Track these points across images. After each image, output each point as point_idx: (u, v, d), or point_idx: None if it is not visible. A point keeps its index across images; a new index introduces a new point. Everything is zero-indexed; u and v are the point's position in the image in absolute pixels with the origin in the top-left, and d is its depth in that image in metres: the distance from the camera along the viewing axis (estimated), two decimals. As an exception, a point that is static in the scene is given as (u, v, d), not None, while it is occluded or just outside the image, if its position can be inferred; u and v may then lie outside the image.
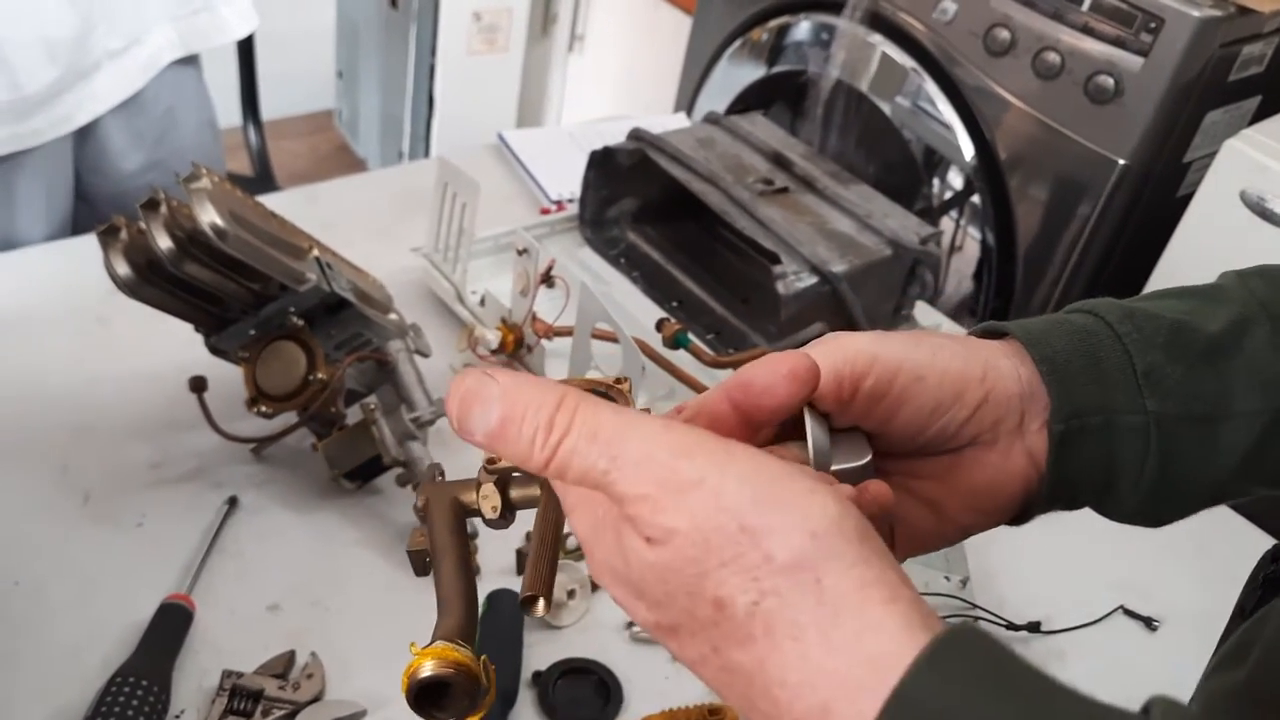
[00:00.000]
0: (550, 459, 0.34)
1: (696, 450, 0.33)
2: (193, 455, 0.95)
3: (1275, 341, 0.46)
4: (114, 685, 0.71)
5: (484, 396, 0.34)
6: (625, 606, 0.36)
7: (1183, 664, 0.69)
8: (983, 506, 0.46)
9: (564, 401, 0.34)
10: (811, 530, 0.31)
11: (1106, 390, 0.45)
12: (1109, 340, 0.45)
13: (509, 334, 1.04)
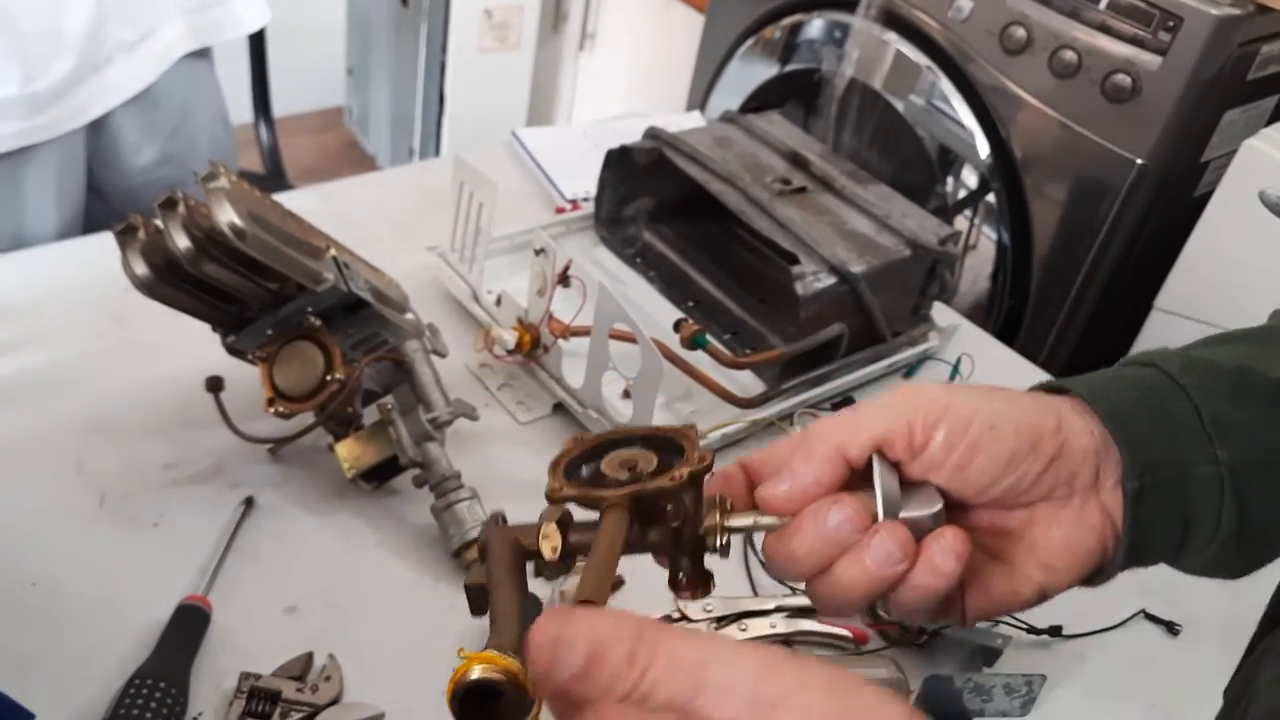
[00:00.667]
0: (633, 691, 0.35)
1: (779, 670, 0.35)
2: (209, 455, 0.94)
3: None
4: (132, 687, 0.71)
5: (568, 640, 0.35)
6: None
7: (1205, 669, 0.68)
8: (1058, 564, 0.46)
9: (644, 634, 0.35)
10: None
11: (1177, 443, 0.44)
12: (1173, 392, 0.45)
13: (525, 334, 1.04)
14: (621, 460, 0.47)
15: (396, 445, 0.89)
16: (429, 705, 0.78)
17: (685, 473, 0.44)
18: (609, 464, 0.47)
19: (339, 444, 0.91)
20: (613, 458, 0.47)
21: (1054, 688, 0.86)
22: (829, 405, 1.11)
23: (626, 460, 0.47)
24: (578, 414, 1.03)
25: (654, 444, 0.49)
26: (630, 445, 0.49)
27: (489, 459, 1.00)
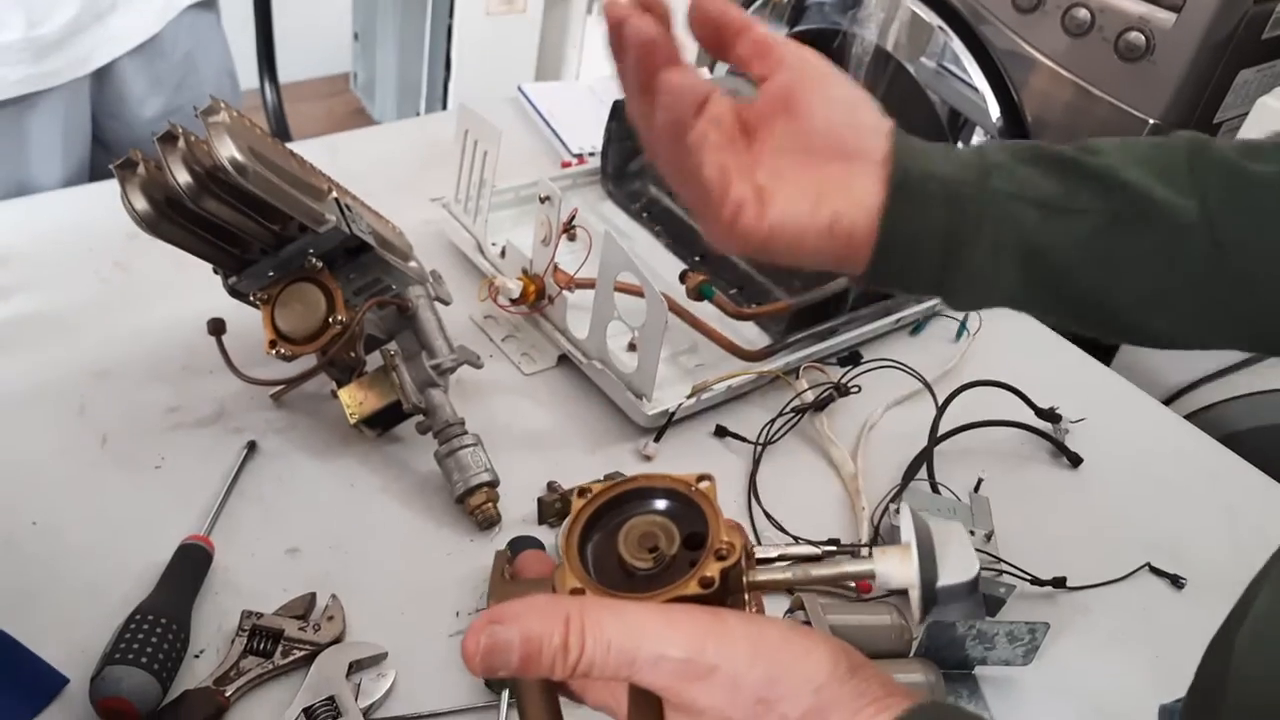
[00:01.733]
0: (573, 674, 0.38)
1: (703, 640, 0.38)
2: (212, 400, 0.94)
3: (1120, 163, 0.53)
4: (133, 622, 0.70)
5: (500, 648, 0.38)
6: None
7: (1209, 623, 0.67)
8: (843, 215, 0.53)
9: (570, 622, 0.38)
10: (815, 688, 0.38)
11: (951, 163, 0.53)
12: (969, 147, 0.56)
13: (530, 284, 1.03)
14: (640, 536, 0.44)
15: (399, 391, 0.88)
16: (431, 647, 0.78)
17: (716, 575, 0.41)
18: (628, 544, 0.43)
19: (342, 390, 0.90)
20: (630, 531, 0.44)
21: (1057, 639, 0.85)
22: (835, 359, 1.11)
23: (646, 537, 0.44)
24: (582, 365, 1.02)
25: (672, 505, 0.45)
26: (645, 502, 0.46)
27: (492, 410, 0.99)
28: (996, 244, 0.53)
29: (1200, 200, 0.53)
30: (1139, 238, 0.53)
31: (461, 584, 0.83)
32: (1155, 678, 0.85)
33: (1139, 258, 0.53)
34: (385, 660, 0.76)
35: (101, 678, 0.67)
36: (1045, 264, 0.53)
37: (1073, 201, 0.53)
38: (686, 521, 0.44)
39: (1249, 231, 0.53)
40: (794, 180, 0.53)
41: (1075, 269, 0.54)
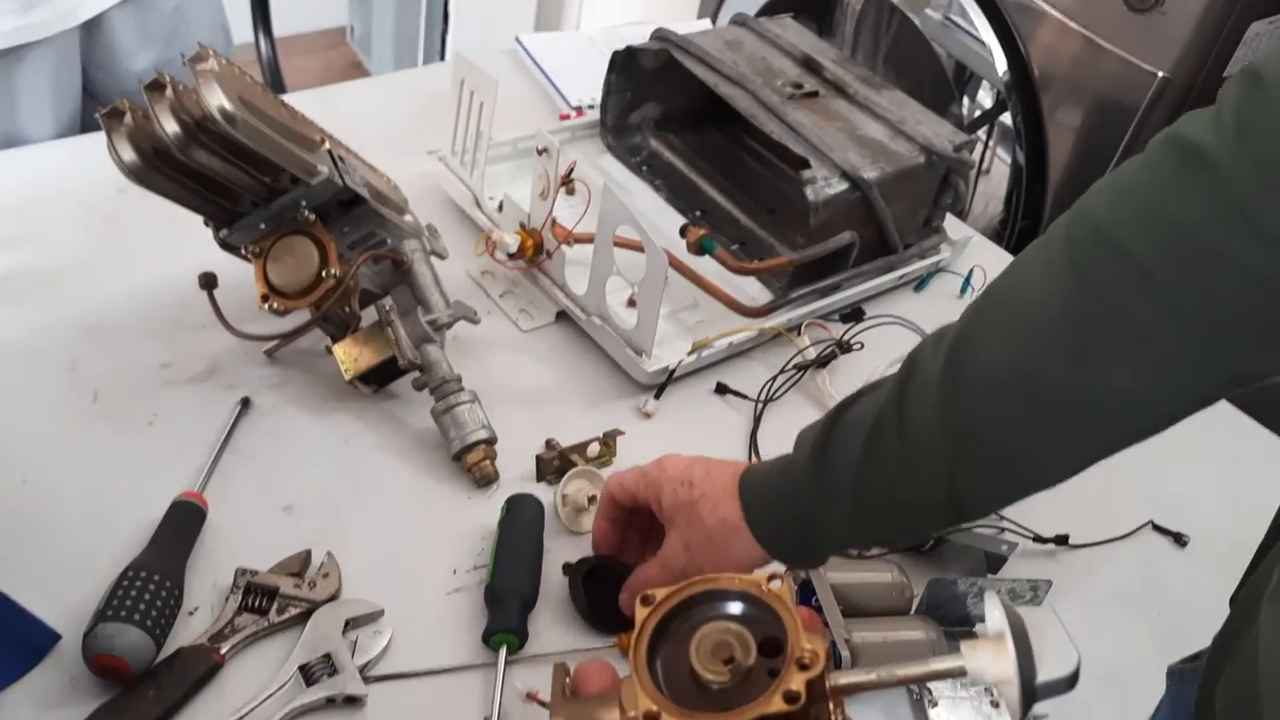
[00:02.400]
0: None
1: None
2: (204, 357, 0.93)
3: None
4: (126, 579, 0.70)
5: None
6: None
7: (1212, 580, 0.67)
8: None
9: None
10: None
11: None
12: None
13: (527, 239, 1.01)
14: (714, 647, 0.41)
15: (395, 347, 0.87)
16: (429, 605, 0.77)
17: (801, 690, 0.38)
18: (700, 655, 0.41)
19: (336, 345, 0.89)
20: (702, 642, 0.41)
21: (1059, 596, 0.85)
22: (838, 316, 1.09)
23: (720, 647, 0.41)
24: (581, 322, 1.01)
25: (745, 608, 0.43)
26: (714, 605, 0.43)
27: (490, 367, 0.98)
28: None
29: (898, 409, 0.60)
30: (882, 471, 0.62)
31: (459, 541, 0.83)
32: (1158, 636, 0.85)
33: (895, 477, 0.61)
34: (382, 618, 0.76)
35: (94, 634, 0.66)
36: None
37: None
38: (760, 625, 0.42)
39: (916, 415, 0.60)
40: None
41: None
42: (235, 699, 0.69)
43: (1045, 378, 0.54)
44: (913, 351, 0.62)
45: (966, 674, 0.40)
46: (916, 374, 0.60)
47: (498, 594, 0.76)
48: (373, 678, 0.72)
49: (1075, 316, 0.53)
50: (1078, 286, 0.53)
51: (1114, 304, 0.52)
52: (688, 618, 0.43)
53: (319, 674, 0.70)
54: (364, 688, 0.70)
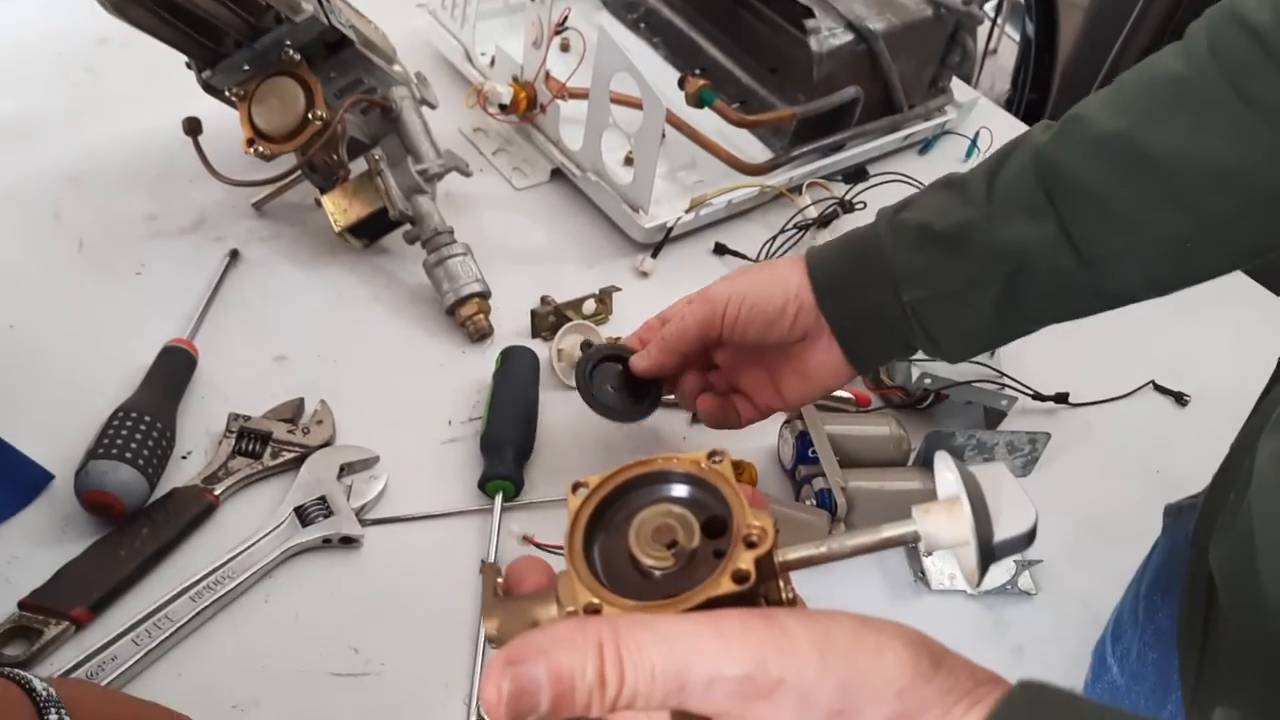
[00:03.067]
0: (614, 709, 0.32)
1: (763, 652, 0.32)
2: (191, 208, 0.90)
3: (993, 228, 0.60)
4: (116, 419, 0.69)
5: (527, 691, 0.32)
6: None
7: (1212, 438, 0.66)
8: (822, 378, 0.68)
9: (604, 649, 0.32)
10: (898, 691, 0.32)
11: (871, 293, 0.64)
12: (874, 249, 0.64)
13: (521, 91, 0.98)
14: (654, 531, 0.38)
15: (385, 197, 0.85)
16: (424, 453, 0.77)
17: (750, 569, 0.36)
18: (640, 540, 0.38)
19: (325, 196, 0.87)
20: (643, 525, 0.38)
21: (1058, 454, 0.84)
22: (840, 176, 1.07)
23: (661, 531, 0.38)
24: (576, 179, 0.98)
25: (685, 489, 0.40)
26: (653, 489, 0.41)
27: (483, 225, 0.96)
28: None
29: (1064, 234, 0.59)
30: (1033, 288, 0.61)
31: (455, 394, 0.82)
32: (1155, 491, 0.84)
33: (1040, 298, 0.62)
34: (377, 464, 0.75)
35: (86, 472, 0.66)
36: (969, 335, 0.64)
37: (971, 284, 0.61)
38: (703, 506, 0.39)
39: (1103, 239, 0.58)
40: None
41: (988, 330, 0.64)
42: (231, 539, 0.69)
43: (1154, 143, 0.55)
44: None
45: (921, 539, 0.38)
46: (1019, 145, 0.61)
47: (493, 442, 0.76)
48: (369, 521, 0.72)
49: (1197, 86, 0.55)
50: (1209, 62, 0.54)
51: (1239, 79, 0.53)
52: (625, 504, 0.40)
53: (315, 515, 0.70)
54: (360, 529, 0.70)
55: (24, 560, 0.66)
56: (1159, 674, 0.62)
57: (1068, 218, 0.58)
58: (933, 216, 0.62)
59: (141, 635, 0.63)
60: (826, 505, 0.74)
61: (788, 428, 0.81)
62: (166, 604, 0.64)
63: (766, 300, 0.65)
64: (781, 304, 0.65)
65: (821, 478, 0.76)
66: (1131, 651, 0.65)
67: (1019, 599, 0.75)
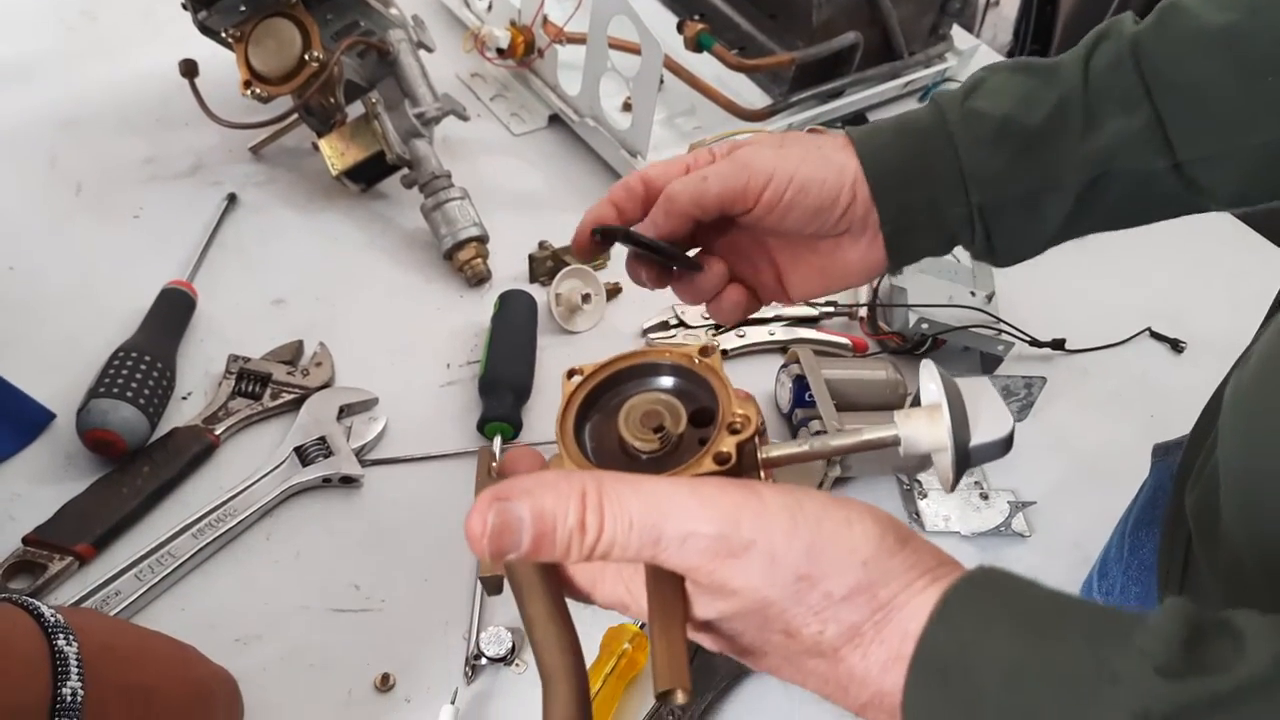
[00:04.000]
0: (591, 556, 0.34)
1: (737, 514, 0.33)
2: (189, 152, 0.90)
3: (1087, 124, 0.53)
4: (117, 359, 0.69)
5: (510, 526, 0.33)
6: (693, 636, 0.37)
7: (1206, 384, 0.66)
8: (845, 277, 0.59)
9: (586, 498, 0.34)
10: (862, 560, 0.33)
11: (933, 188, 0.54)
12: (941, 140, 0.54)
13: (518, 36, 0.97)
14: (643, 416, 0.39)
15: (382, 141, 0.84)
16: (423, 396, 0.77)
17: (732, 450, 0.37)
18: (630, 425, 0.39)
19: (322, 140, 0.87)
20: (631, 412, 0.40)
21: (1053, 399, 0.85)
22: (839, 123, 1.06)
23: (649, 416, 0.39)
24: (574, 124, 0.98)
25: (676, 381, 0.41)
26: (645, 380, 0.42)
27: (480, 168, 0.96)
28: None
29: (1161, 131, 0.53)
30: (1115, 189, 0.55)
31: (453, 338, 0.82)
32: (1150, 434, 0.84)
33: (1120, 201, 0.55)
34: (376, 406, 0.76)
35: (87, 410, 0.66)
36: (1031, 240, 0.57)
37: (1053, 187, 0.54)
38: (692, 397, 0.40)
39: (1200, 139, 0.53)
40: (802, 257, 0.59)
41: (1052, 235, 0.56)
42: (231, 478, 0.69)
43: (1265, 35, 0.51)
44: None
45: (900, 441, 0.39)
46: (1111, 31, 0.55)
47: (492, 384, 0.76)
48: (368, 461, 0.73)
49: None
50: None
51: None
52: (617, 392, 0.41)
53: (314, 455, 0.71)
54: (360, 469, 0.71)
55: (27, 497, 0.67)
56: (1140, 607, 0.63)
57: (1166, 115, 0.52)
58: (1016, 107, 0.53)
59: (144, 571, 0.64)
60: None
61: (785, 372, 0.81)
62: (169, 540, 0.65)
63: (819, 186, 0.54)
64: (835, 193, 0.54)
65: (818, 421, 0.76)
66: (1116, 586, 0.66)
67: (1013, 540, 0.76)
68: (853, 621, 0.33)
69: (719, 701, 0.63)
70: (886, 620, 0.33)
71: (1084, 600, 0.32)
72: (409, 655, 0.63)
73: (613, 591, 0.38)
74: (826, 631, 0.34)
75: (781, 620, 0.34)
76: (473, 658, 0.63)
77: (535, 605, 0.38)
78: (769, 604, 0.34)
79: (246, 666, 0.59)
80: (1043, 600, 0.32)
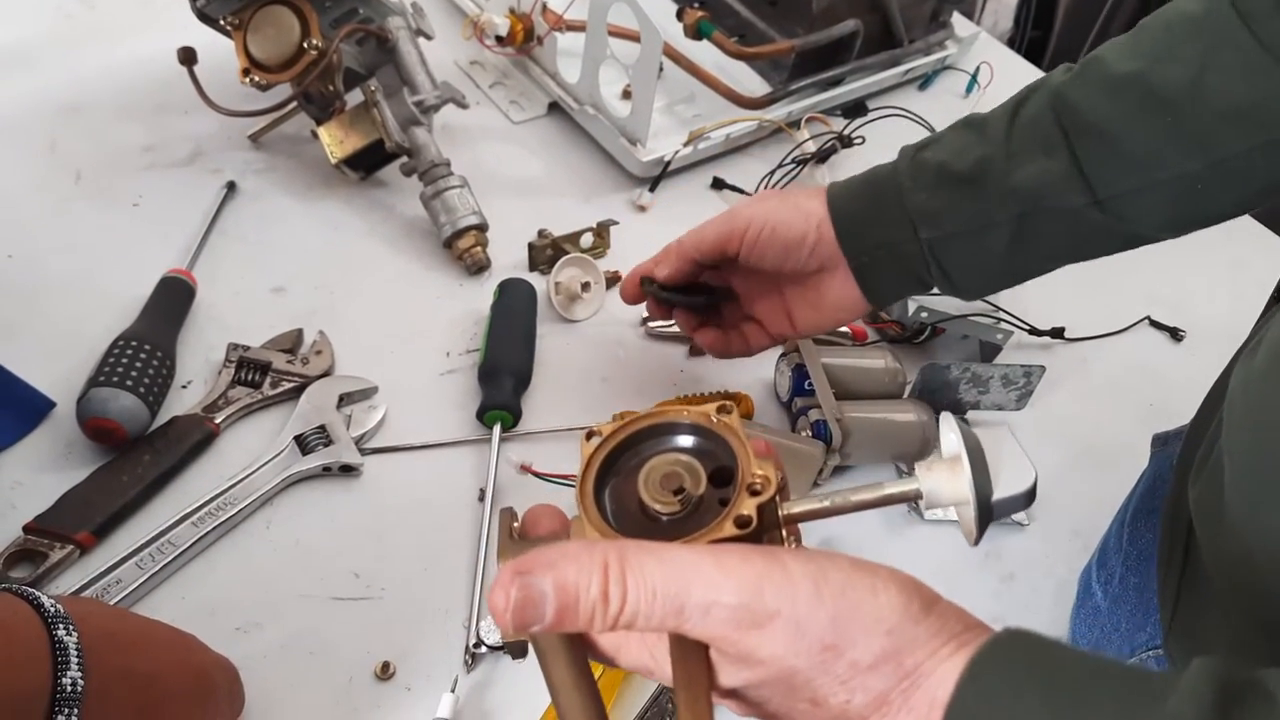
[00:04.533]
0: (614, 626, 0.34)
1: (760, 583, 0.33)
2: (188, 139, 0.90)
3: (1011, 167, 0.60)
4: (117, 348, 0.69)
5: (534, 601, 0.34)
6: (718, 701, 0.37)
7: (1206, 373, 0.66)
8: (836, 311, 0.69)
9: (610, 569, 0.34)
10: (888, 629, 0.33)
11: (888, 229, 0.64)
12: (892, 187, 0.64)
13: (517, 23, 0.97)
14: (662, 478, 0.39)
15: (382, 129, 0.84)
16: (422, 384, 0.78)
17: (752, 513, 0.37)
18: (649, 487, 0.39)
19: (322, 128, 0.86)
20: (650, 474, 0.40)
21: (1053, 387, 0.85)
22: (839, 111, 1.06)
23: (669, 479, 0.39)
24: (574, 112, 0.98)
25: (694, 440, 0.41)
26: (662, 440, 0.42)
27: (480, 157, 0.96)
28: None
29: (1078, 171, 0.59)
30: (1047, 227, 0.61)
31: (452, 326, 0.82)
32: (1148, 422, 0.85)
33: (1053, 237, 0.62)
34: (376, 394, 0.76)
35: (88, 399, 0.66)
36: (984, 273, 0.64)
37: (986, 224, 0.61)
38: (711, 456, 0.40)
39: (1114, 177, 0.58)
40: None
41: (1002, 268, 0.64)
42: (231, 466, 0.69)
43: (1167, 82, 0.55)
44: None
45: (922, 496, 0.39)
46: (1041, 84, 0.62)
47: (492, 372, 0.76)
48: (368, 450, 0.73)
49: (1212, 26, 0.55)
50: (1225, 4, 0.54)
51: (1254, 21, 0.53)
52: (636, 453, 0.41)
53: (315, 444, 0.71)
54: (360, 457, 0.71)
55: (28, 486, 0.67)
56: (1139, 596, 0.63)
57: (1082, 156, 0.58)
58: (952, 155, 0.62)
59: (145, 559, 0.64)
60: (822, 436, 0.75)
61: (784, 360, 0.81)
62: (169, 529, 0.65)
63: (787, 227, 0.65)
64: (801, 233, 0.65)
65: (817, 409, 0.76)
66: (1115, 576, 0.67)
67: (1011, 529, 0.77)
68: (880, 690, 0.33)
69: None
70: (914, 688, 0.33)
71: (1113, 661, 0.32)
72: (409, 643, 0.63)
73: (637, 658, 0.38)
74: (854, 701, 0.34)
75: (809, 689, 0.34)
76: (473, 646, 0.63)
77: (559, 672, 0.38)
78: (795, 673, 0.34)
79: (247, 654, 0.59)
80: (1072, 664, 0.32)
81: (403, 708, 0.61)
